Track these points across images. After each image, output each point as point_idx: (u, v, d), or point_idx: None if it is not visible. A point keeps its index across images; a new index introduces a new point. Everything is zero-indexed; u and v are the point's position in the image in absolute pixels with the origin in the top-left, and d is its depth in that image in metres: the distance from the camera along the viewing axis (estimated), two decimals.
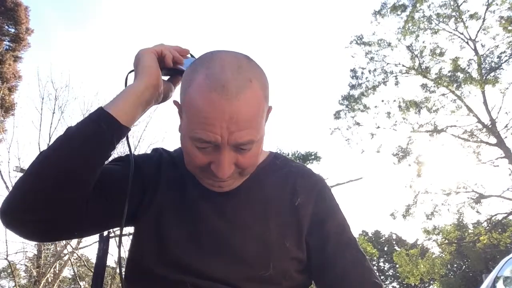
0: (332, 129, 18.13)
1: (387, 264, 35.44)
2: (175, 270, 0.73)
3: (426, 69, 16.70)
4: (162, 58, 0.82)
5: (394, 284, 34.00)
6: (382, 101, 17.43)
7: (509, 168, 15.00)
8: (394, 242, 34.99)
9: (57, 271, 9.77)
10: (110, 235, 0.85)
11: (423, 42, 16.79)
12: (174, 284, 0.72)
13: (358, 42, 17.78)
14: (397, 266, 22.01)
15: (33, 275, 9.34)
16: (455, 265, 28.50)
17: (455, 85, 15.93)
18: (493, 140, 15.33)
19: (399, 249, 22.67)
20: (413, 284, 22.09)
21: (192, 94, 0.68)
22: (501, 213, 15.79)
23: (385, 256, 34.68)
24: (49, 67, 15.26)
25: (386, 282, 33.66)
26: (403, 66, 17.28)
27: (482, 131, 15.78)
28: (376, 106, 17.60)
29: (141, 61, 0.79)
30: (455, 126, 16.33)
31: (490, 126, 15.32)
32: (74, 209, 0.69)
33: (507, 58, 15.17)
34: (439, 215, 16.81)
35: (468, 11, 15.83)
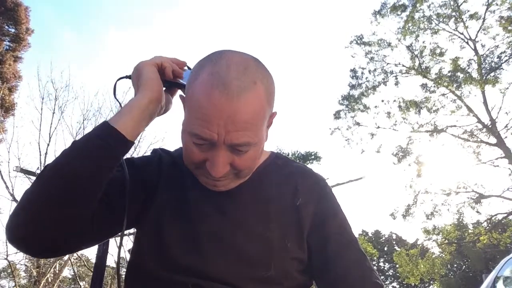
0: (332, 129, 18.18)
1: (387, 264, 35.39)
2: (176, 271, 0.72)
3: (426, 69, 16.71)
4: (162, 71, 0.82)
5: (394, 284, 33.96)
6: (382, 101, 17.49)
7: (509, 168, 15.02)
8: (394, 242, 34.97)
9: (57, 271, 9.78)
10: None
11: (423, 42, 16.83)
12: (175, 285, 0.72)
13: (358, 42, 17.81)
14: (397, 266, 22.00)
15: (33, 275, 9.35)
16: (455, 265, 28.46)
17: (455, 85, 15.94)
18: (493, 140, 15.33)
19: (399, 249, 22.66)
20: (413, 284, 22.08)
21: (195, 89, 0.68)
22: (501, 213, 15.80)
23: (385, 256, 34.64)
24: (49, 67, 15.24)
25: (386, 282, 33.60)
26: (403, 66, 17.32)
27: (482, 131, 15.80)
28: (376, 106, 17.65)
29: (143, 74, 0.79)
30: (455, 126, 16.36)
31: (490, 126, 15.32)
32: (81, 225, 0.68)
33: (507, 58, 15.19)
34: (439, 215, 16.84)
35: (468, 11, 15.86)
